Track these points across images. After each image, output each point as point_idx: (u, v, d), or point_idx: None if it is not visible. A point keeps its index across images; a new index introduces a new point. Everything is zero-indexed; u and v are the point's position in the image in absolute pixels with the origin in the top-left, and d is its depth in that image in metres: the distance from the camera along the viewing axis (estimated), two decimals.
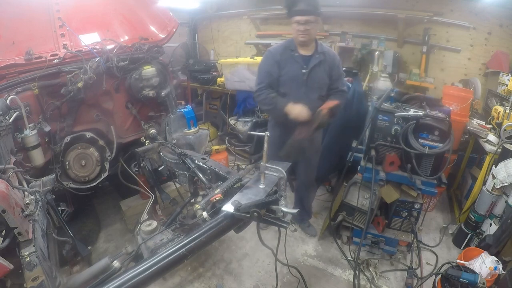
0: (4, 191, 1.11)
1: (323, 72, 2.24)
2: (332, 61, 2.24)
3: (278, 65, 2.24)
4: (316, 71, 2.22)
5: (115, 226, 2.94)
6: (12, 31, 2.13)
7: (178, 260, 1.16)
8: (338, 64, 2.29)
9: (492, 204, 2.42)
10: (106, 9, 2.58)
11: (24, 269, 1.09)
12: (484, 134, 2.70)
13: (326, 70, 2.24)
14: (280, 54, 2.24)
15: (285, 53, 2.24)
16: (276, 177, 1.44)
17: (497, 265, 2.02)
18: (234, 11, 5.10)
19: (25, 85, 2.01)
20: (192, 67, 4.52)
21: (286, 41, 2.37)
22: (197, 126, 2.45)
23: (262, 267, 2.48)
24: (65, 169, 2.26)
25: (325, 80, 2.26)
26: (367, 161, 2.30)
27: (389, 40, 3.84)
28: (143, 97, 2.45)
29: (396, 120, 2.17)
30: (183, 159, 2.02)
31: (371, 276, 2.34)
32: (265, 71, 2.29)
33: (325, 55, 2.23)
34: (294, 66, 2.23)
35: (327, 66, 2.23)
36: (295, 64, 2.22)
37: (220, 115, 4.62)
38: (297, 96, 2.21)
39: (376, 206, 2.39)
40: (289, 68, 2.24)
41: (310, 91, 2.24)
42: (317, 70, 2.22)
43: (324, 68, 2.23)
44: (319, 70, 2.22)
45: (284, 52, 2.25)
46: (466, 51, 3.54)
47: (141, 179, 2.64)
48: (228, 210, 1.25)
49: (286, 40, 2.39)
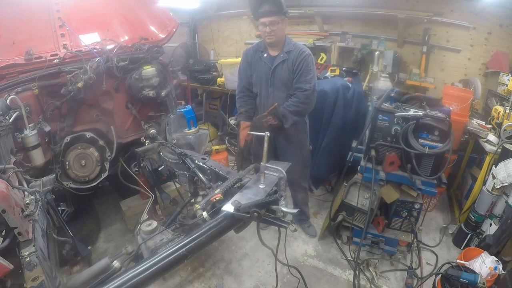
0: (4, 191, 1.11)
1: (286, 70, 2.24)
2: (295, 58, 2.20)
3: (250, 66, 2.37)
4: (279, 70, 2.26)
5: (115, 226, 2.94)
6: (12, 31, 2.13)
7: (178, 260, 1.16)
8: (303, 59, 2.20)
9: (492, 204, 2.41)
10: (106, 9, 2.58)
11: (24, 269, 1.09)
12: (484, 134, 2.70)
13: (289, 67, 2.23)
14: (251, 56, 2.36)
15: (255, 54, 2.35)
16: (276, 177, 1.44)
17: (497, 265, 2.01)
18: (234, 11, 5.10)
19: (25, 85, 2.01)
20: (192, 67, 4.52)
21: (257, 42, 2.43)
22: (197, 126, 2.45)
23: (262, 267, 2.48)
24: (65, 169, 2.26)
25: (289, 78, 2.26)
26: (367, 161, 2.30)
27: (389, 40, 3.83)
28: (143, 97, 2.45)
29: (396, 120, 2.17)
30: (183, 159, 2.02)
31: (371, 276, 2.34)
32: (242, 72, 2.43)
33: (290, 53, 2.23)
34: (262, 67, 2.32)
35: (290, 63, 2.23)
36: (263, 65, 2.31)
37: (220, 115, 4.62)
38: (266, 95, 2.35)
39: (376, 206, 2.39)
40: (258, 69, 2.34)
41: (277, 90, 2.30)
42: (280, 69, 2.25)
43: (287, 65, 2.23)
44: (282, 69, 2.24)
45: (255, 54, 2.35)
46: (466, 51, 3.54)
47: (141, 179, 2.64)
48: (228, 210, 1.25)
49: (258, 41, 2.44)
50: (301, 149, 2.53)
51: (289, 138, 2.45)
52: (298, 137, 2.48)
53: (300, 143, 2.51)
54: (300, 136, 2.49)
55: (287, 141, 2.47)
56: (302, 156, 2.55)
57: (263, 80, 2.33)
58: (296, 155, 2.48)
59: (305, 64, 2.20)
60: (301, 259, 2.57)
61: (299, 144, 2.50)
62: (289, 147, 2.49)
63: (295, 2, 4.47)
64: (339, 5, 4.01)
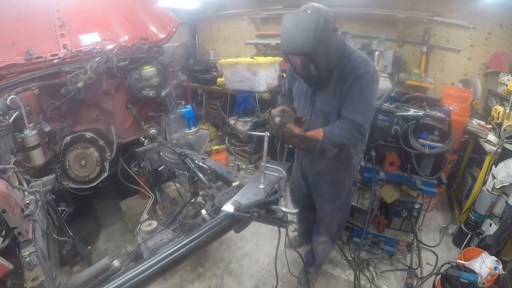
0: (4, 191, 1.11)
1: (330, 94, 1.68)
2: (345, 76, 1.61)
3: (292, 75, 1.92)
4: (320, 94, 1.73)
5: (115, 226, 2.94)
6: (12, 31, 2.13)
7: (178, 260, 1.16)
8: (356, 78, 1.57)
9: (492, 204, 2.42)
10: (106, 9, 2.58)
11: (24, 269, 1.09)
12: (484, 134, 2.70)
13: (335, 89, 1.65)
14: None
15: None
16: (276, 177, 1.44)
17: (497, 265, 2.01)
18: (234, 11, 5.10)
19: (25, 85, 2.01)
20: (192, 67, 4.52)
21: None
22: (197, 126, 2.45)
23: (262, 267, 2.48)
24: (65, 169, 2.26)
25: (332, 103, 1.69)
26: (367, 161, 2.30)
27: (389, 40, 3.84)
28: (143, 97, 2.45)
29: (396, 120, 2.17)
30: (183, 159, 2.02)
31: (371, 276, 2.34)
32: (287, 77, 2.02)
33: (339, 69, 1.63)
34: (302, 83, 1.84)
35: (337, 82, 1.64)
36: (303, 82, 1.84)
37: (220, 115, 4.62)
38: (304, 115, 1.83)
39: (376, 206, 2.39)
40: (299, 82, 1.87)
41: (315, 115, 1.77)
42: (323, 92, 1.71)
43: (332, 86, 1.66)
44: (325, 92, 1.70)
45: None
46: (466, 51, 3.54)
47: (141, 179, 2.64)
48: (228, 210, 1.25)
49: None
50: (337, 187, 1.95)
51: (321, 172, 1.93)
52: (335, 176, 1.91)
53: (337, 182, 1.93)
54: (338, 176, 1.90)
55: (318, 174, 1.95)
56: (336, 195, 1.98)
57: (302, 99, 1.84)
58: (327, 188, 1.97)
59: (359, 86, 1.58)
60: (301, 258, 2.56)
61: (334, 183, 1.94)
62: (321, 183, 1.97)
63: (295, 2, 4.47)
64: (339, 5, 4.00)
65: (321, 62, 1.55)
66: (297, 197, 2.31)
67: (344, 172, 1.89)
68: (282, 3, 4.54)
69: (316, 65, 1.56)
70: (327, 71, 1.61)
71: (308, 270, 2.31)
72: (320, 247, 2.22)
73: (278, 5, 4.57)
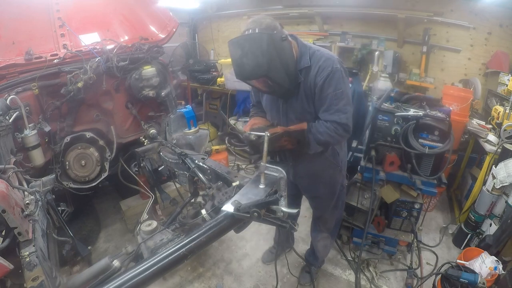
0: (4, 191, 1.11)
1: (302, 98, 1.60)
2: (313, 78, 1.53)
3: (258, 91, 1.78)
4: (293, 100, 1.64)
5: (115, 226, 2.94)
6: (12, 31, 2.13)
7: (178, 260, 1.16)
8: (327, 78, 1.50)
9: (492, 204, 2.42)
10: (106, 9, 2.58)
11: (24, 269, 1.09)
12: (484, 134, 2.70)
13: (306, 92, 1.58)
14: None
15: None
16: (276, 177, 1.44)
17: (497, 265, 2.01)
18: (234, 11, 5.10)
19: (25, 85, 2.01)
20: (192, 67, 4.52)
21: None
22: (197, 126, 2.45)
23: (262, 267, 2.48)
24: (65, 169, 2.26)
25: (307, 109, 1.63)
26: (367, 161, 2.30)
27: (389, 40, 3.83)
28: (143, 97, 2.45)
29: (396, 120, 2.17)
30: (183, 159, 2.02)
31: (371, 276, 2.34)
32: (252, 90, 1.89)
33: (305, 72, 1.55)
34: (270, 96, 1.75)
35: (307, 86, 1.56)
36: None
37: (220, 115, 4.62)
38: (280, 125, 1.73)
39: (376, 206, 2.39)
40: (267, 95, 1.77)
41: (291, 124, 1.68)
42: (294, 99, 1.64)
43: (303, 90, 1.58)
44: (297, 98, 1.63)
45: None
46: (466, 51, 3.54)
47: (141, 179, 2.64)
48: (228, 210, 1.25)
49: None
50: (330, 185, 1.94)
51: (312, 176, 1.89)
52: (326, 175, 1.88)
53: (329, 180, 1.91)
54: (329, 174, 1.88)
55: (310, 178, 1.91)
56: (330, 193, 1.97)
57: (274, 110, 1.76)
58: (320, 189, 1.95)
59: (331, 86, 1.50)
60: (300, 259, 2.56)
61: (327, 182, 1.92)
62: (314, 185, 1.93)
63: (295, 2, 4.48)
64: (339, 5, 4.01)
65: (280, 76, 1.47)
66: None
67: (334, 169, 1.88)
68: (282, 3, 4.55)
69: (276, 82, 1.49)
70: (290, 81, 1.53)
71: (308, 270, 2.34)
72: (321, 243, 2.22)
73: (278, 5, 4.57)
